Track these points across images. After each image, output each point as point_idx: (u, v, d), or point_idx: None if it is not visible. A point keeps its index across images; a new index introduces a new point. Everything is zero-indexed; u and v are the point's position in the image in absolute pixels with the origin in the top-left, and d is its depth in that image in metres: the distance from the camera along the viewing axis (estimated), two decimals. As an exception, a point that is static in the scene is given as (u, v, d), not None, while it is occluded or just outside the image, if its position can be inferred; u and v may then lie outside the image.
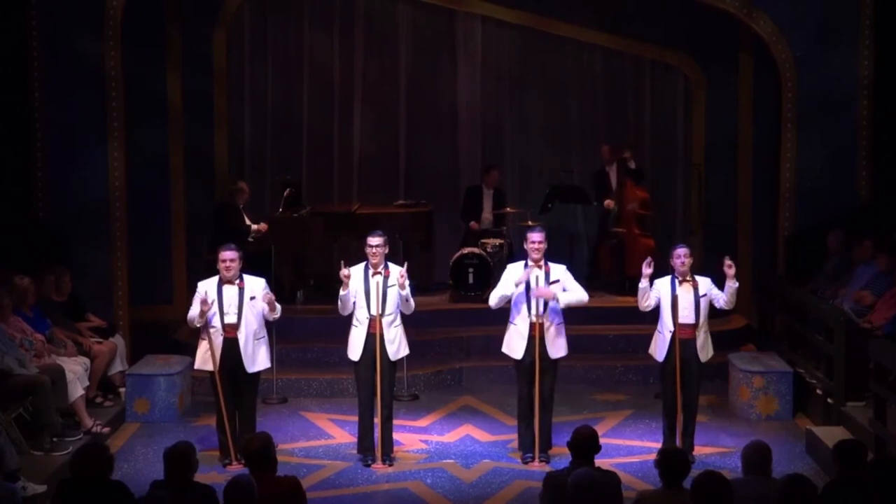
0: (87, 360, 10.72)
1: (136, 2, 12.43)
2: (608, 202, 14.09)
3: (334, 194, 15.13)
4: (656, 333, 9.92)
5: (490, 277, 13.35)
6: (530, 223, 13.43)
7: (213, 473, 9.33)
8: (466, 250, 13.71)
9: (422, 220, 14.14)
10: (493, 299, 10.03)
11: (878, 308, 10.96)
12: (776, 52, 12.90)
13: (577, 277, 10.18)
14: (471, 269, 13.54)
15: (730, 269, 9.71)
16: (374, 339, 9.73)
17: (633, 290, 10.14)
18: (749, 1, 12.83)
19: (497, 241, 13.76)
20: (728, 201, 14.30)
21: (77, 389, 10.16)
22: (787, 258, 13.09)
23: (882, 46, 12.80)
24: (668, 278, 9.83)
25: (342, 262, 9.86)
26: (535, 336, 9.78)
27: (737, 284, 9.75)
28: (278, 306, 9.78)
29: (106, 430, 10.41)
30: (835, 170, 12.90)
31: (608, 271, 14.28)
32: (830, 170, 12.88)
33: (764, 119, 13.81)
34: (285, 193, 13.70)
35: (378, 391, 9.79)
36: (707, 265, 13.07)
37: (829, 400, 10.73)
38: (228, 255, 9.65)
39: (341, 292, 9.72)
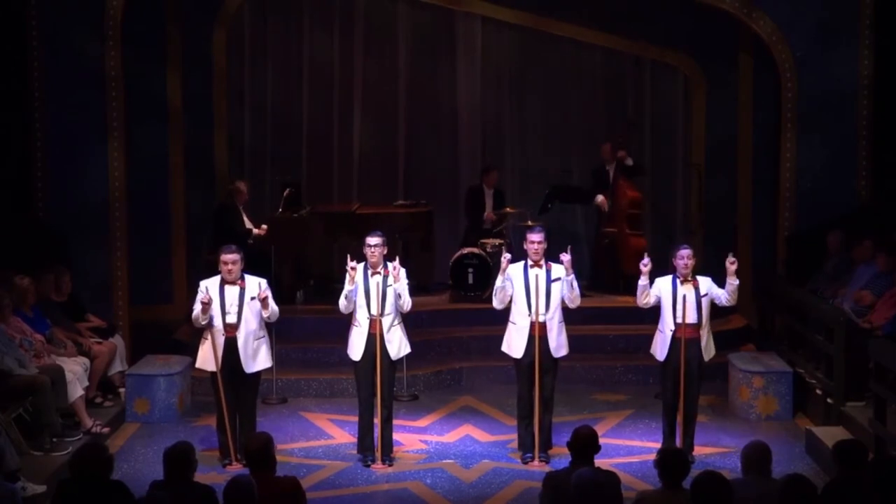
0: (86, 361, 10.71)
1: (136, 2, 12.43)
2: (602, 200, 14.09)
3: (334, 194, 15.13)
4: (657, 333, 9.93)
5: (490, 277, 13.34)
6: (530, 223, 13.44)
7: (213, 473, 9.33)
8: (466, 250, 13.72)
9: (422, 220, 14.14)
10: (494, 300, 10.03)
11: (877, 308, 10.95)
12: (776, 52, 12.90)
13: (578, 278, 10.16)
14: (470, 270, 13.56)
15: (731, 265, 9.72)
16: (374, 339, 9.72)
17: (630, 290, 10.14)
18: (749, 1, 12.83)
19: (497, 241, 13.76)
20: (728, 201, 14.30)
21: (77, 390, 10.16)
22: (787, 258, 13.09)
23: (882, 46, 12.80)
24: (669, 277, 9.84)
25: (348, 255, 9.84)
26: (536, 335, 9.78)
27: (737, 282, 9.77)
28: (273, 307, 9.71)
29: (106, 430, 10.41)
30: (835, 170, 12.89)
31: (604, 271, 14.27)
32: (830, 170, 12.88)
33: (764, 119, 13.81)
34: (285, 193, 13.70)
35: (378, 392, 9.78)
36: (707, 265, 13.07)
37: (829, 400, 10.73)
38: (230, 258, 9.63)
39: (348, 287, 9.68)
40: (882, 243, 11.70)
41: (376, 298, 9.70)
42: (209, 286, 9.71)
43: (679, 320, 9.69)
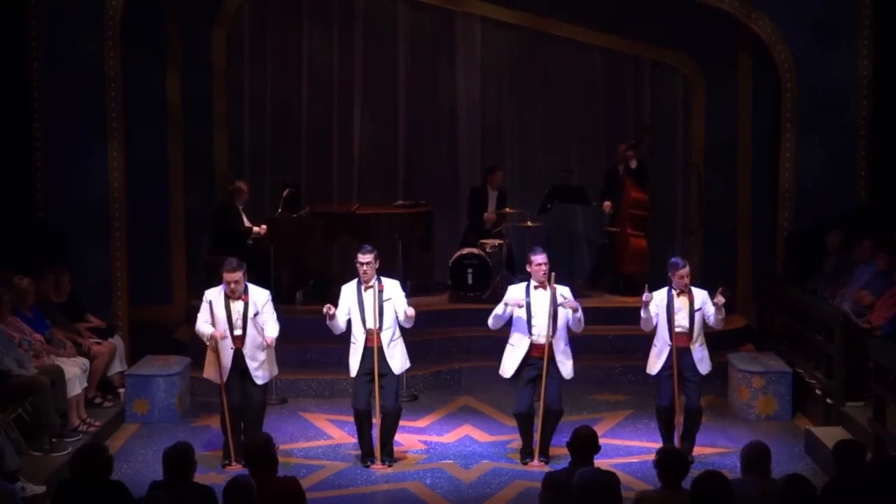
0: (86, 361, 10.70)
1: (136, 2, 12.43)
2: (607, 205, 14.08)
3: (334, 194, 15.12)
4: (652, 348, 9.93)
5: (489, 278, 13.37)
6: (529, 224, 13.45)
7: (213, 474, 9.34)
8: (465, 251, 13.70)
9: (421, 221, 14.11)
10: (490, 320, 9.99)
11: (877, 308, 10.95)
12: (775, 53, 12.90)
13: (577, 278, 10.16)
14: (470, 270, 13.54)
15: (718, 300, 9.70)
16: (371, 353, 9.69)
17: (630, 290, 10.13)
18: (748, 1, 12.82)
19: (496, 242, 13.75)
20: (728, 201, 14.29)
21: (75, 389, 10.15)
22: (786, 258, 13.09)
23: (881, 46, 12.80)
24: (664, 290, 9.83)
25: (327, 306, 9.79)
26: (544, 356, 9.71)
27: (723, 314, 9.76)
28: (275, 329, 9.78)
29: (93, 428, 10.34)
30: (834, 170, 12.90)
31: (603, 271, 14.29)
32: (830, 170, 12.88)
33: (763, 119, 13.81)
34: (284, 194, 13.68)
35: (377, 405, 9.76)
36: (707, 265, 13.10)
37: (829, 400, 10.73)
38: (233, 278, 9.63)
39: (328, 322, 9.77)
40: (882, 243, 11.70)
41: (372, 313, 9.68)
42: (214, 299, 9.70)
43: (676, 330, 9.70)
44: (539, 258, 9.83)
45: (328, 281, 13.60)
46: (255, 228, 13.21)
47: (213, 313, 9.63)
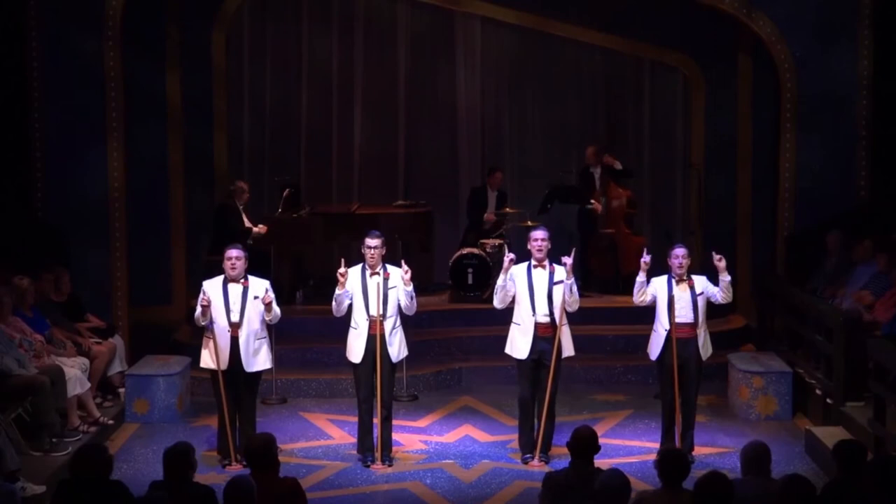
0: (86, 361, 10.70)
1: (136, 2, 12.43)
2: (596, 204, 14.10)
3: (333, 194, 15.13)
4: (652, 332, 9.93)
5: (489, 278, 13.36)
6: (529, 223, 13.44)
7: (213, 473, 9.34)
8: (465, 251, 13.72)
9: (421, 221, 14.13)
10: (495, 299, 9.99)
11: (877, 308, 10.96)
12: (775, 53, 12.91)
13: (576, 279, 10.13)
14: (470, 270, 13.55)
15: (720, 262, 9.73)
16: (374, 340, 9.69)
17: (629, 290, 10.13)
18: (748, 1, 12.83)
19: (496, 242, 13.76)
20: (727, 201, 14.31)
21: (75, 390, 10.15)
22: (786, 258, 13.10)
23: (881, 46, 12.82)
24: (664, 277, 9.85)
25: (342, 260, 9.87)
26: (551, 337, 9.74)
27: (729, 277, 9.77)
28: (276, 310, 9.74)
29: (93, 429, 10.34)
30: (834, 170, 12.91)
31: (599, 272, 14.28)
32: (830, 170, 12.89)
33: (763, 119, 13.83)
34: (284, 194, 13.70)
35: (378, 393, 9.78)
36: (706, 265, 13.02)
37: (829, 400, 10.73)
38: (234, 254, 9.68)
39: (337, 291, 9.71)
40: (882, 243, 11.71)
41: (376, 300, 9.68)
42: (211, 287, 9.72)
43: (676, 320, 9.70)
44: (537, 234, 9.84)
45: (328, 281, 13.60)
46: (255, 228, 13.22)
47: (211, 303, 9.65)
